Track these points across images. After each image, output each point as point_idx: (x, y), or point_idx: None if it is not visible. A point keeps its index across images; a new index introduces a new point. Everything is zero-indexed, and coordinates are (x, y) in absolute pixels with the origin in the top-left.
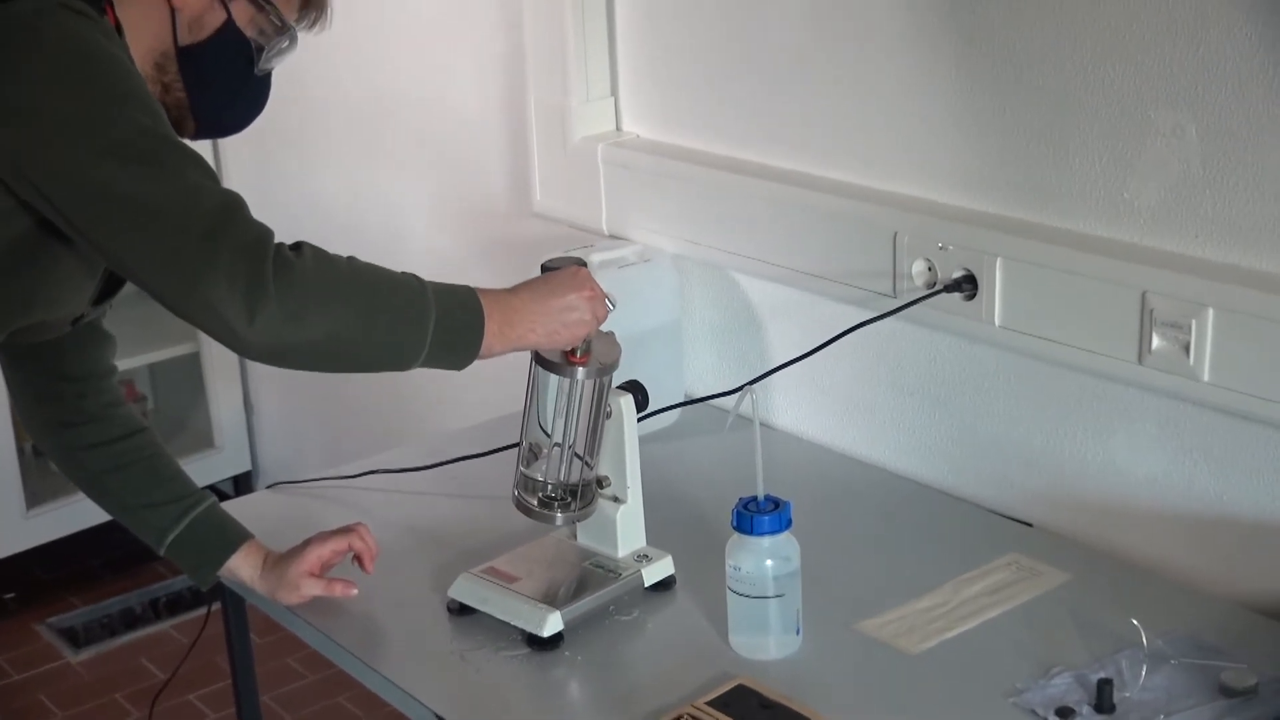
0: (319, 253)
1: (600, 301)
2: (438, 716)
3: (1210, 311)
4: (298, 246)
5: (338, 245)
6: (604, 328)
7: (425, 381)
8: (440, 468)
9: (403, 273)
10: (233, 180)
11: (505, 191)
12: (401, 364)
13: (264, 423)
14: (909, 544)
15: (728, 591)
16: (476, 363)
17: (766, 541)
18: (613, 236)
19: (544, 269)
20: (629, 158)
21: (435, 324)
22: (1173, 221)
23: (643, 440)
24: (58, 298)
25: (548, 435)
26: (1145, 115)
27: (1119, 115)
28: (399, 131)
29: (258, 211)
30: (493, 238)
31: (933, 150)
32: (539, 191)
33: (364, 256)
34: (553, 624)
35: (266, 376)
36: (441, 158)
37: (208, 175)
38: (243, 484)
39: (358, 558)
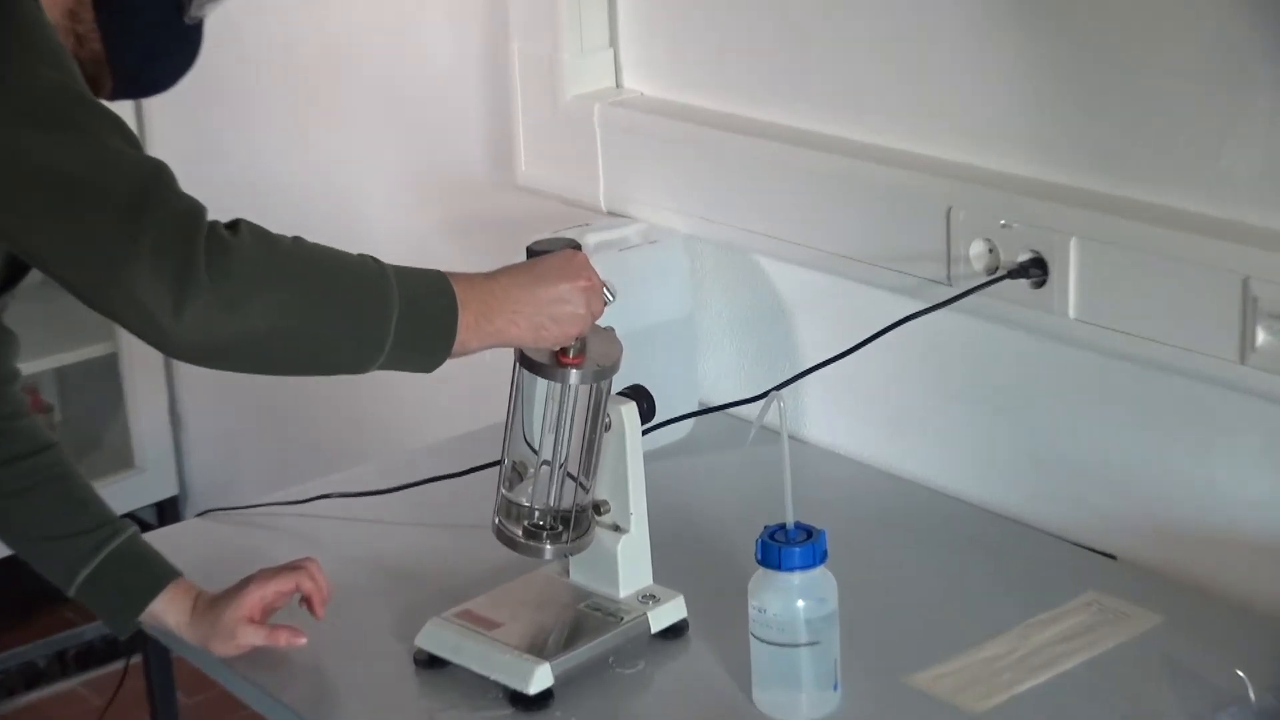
0: (259, 232)
1: (597, 292)
2: None
3: None
4: (234, 225)
5: (281, 224)
6: (601, 322)
7: (388, 387)
8: (406, 491)
9: (359, 255)
10: (156, 147)
11: (483, 160)
12: (359, 364)
13: (194, 437)
14: (968, 580)
15: (751, 638)
16: (449, 364)
17: (797, 578)
18: (612, 214)
19: (530, 253)
20: (631, 120)
21: (399, 316)
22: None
23: (649, 457)
24: None
25: (535, 452)
26: (1244, 68)
27: (1214, 69)
28: (355, 87)
29: (186, 183)
30: (468, 215)
31: (994, 110)
32: (524, 160)
33: (312, 237)
34: (541, 678)
35: (198, 382)
36: (406, 119)
37: (130, 141)
38: (169, 511)
39: (306, 600)
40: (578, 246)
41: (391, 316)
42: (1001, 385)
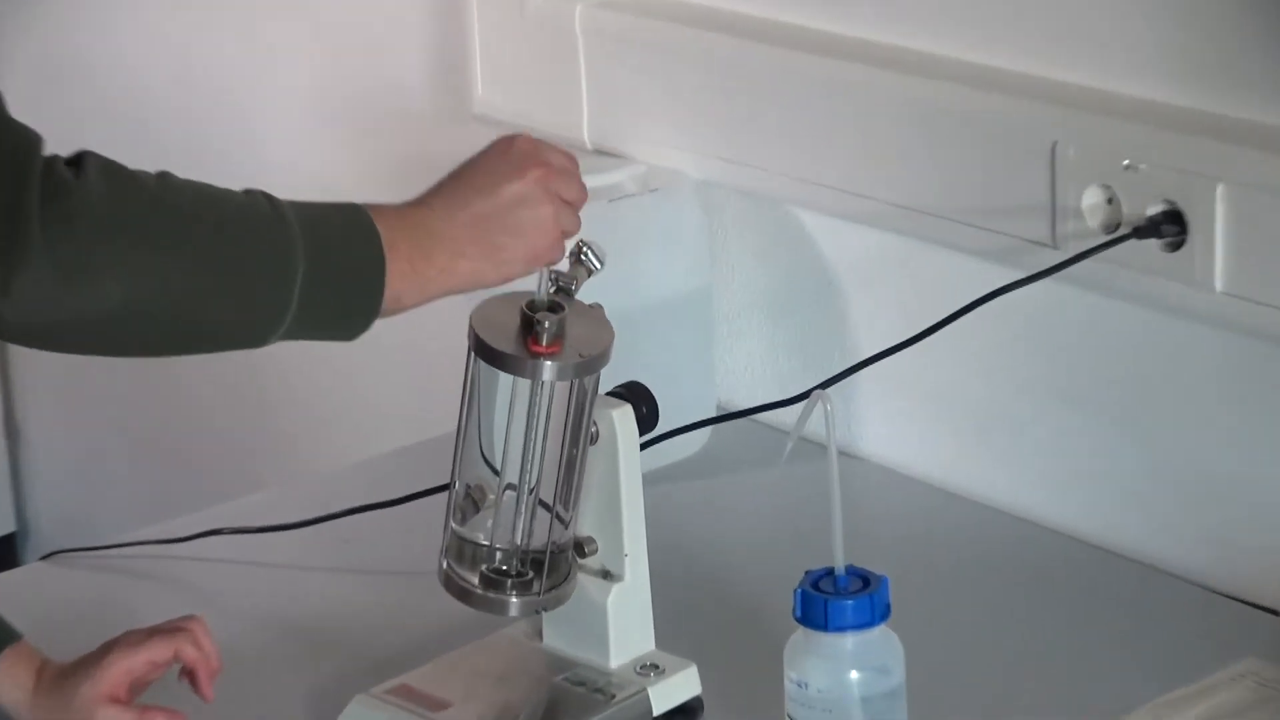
0: (111, 168)
1: (565, 177)
2: None
3: None
4: (78, 160)
5: (152, 159)
6: (588, 298)
7: (297, 382)
8: (323, 525)
9: (245, 192)
10: None
11: (427, 81)
12: (252, 338)
13: (36, 456)
14: (1081, 644)
15: None
16: (380, 338)
17: (851, 641)
18: (600, 153)
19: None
20: (624, 26)
21: (305, 271)
22: None
23: (651, 478)
24: None
25: (495, 473)
26: None
27: None
28: None
29: (24, 105)
30: (408, 153)
31: (1114, 16)
32: (480, 81)
33: (194, 176)
34: None
35: (42, 378)
36: (324, 24)
37: None
38: (4, 552)
39: (189, 673)
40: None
41: (295, 272)
42: (1123, 382)
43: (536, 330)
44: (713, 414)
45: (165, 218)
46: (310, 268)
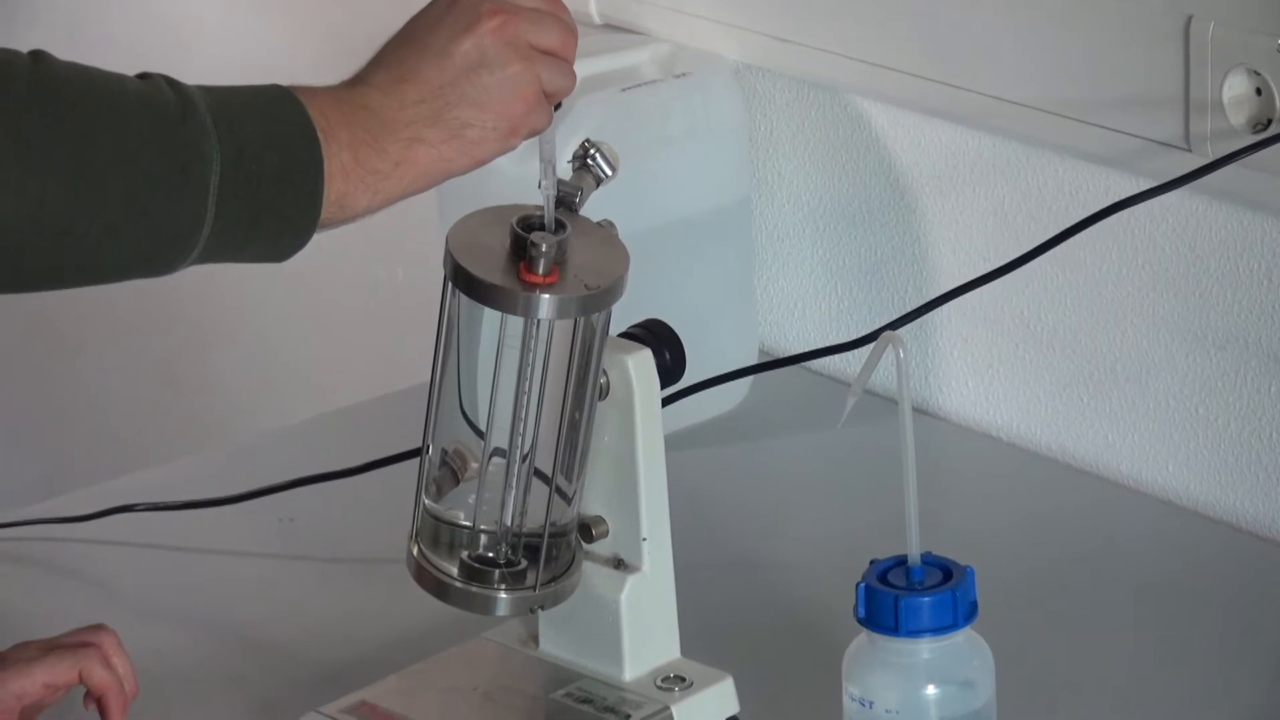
0: None
1: (536, 22)
2: None
3: None
4: None
5: (24, 39)
6: (597, 214)
7: (224, 314)
8: (263, 500)
9: (141, 77)
10: None
11: None
12: (157, 263)
13: None
14: (1221, 649)
15: None
16: (330, 254)
17: (927, 649)
18: (609, 27)
19: None
20: None
21: (222, 170)
22: None
23: (676, 441)
24: None
25: (480, 435)
26: None
27: None
28: None
29: None
30: (351, 31)
31: None
32: None
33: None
34: None
35: None
36: None
37: None
38: None
39: (97, 699)
40: None
41: (209, 176)
42: (1277, 318)
43: (531, 254)
44: (754, 360)
45: (38, 113)
46: (228, 168)
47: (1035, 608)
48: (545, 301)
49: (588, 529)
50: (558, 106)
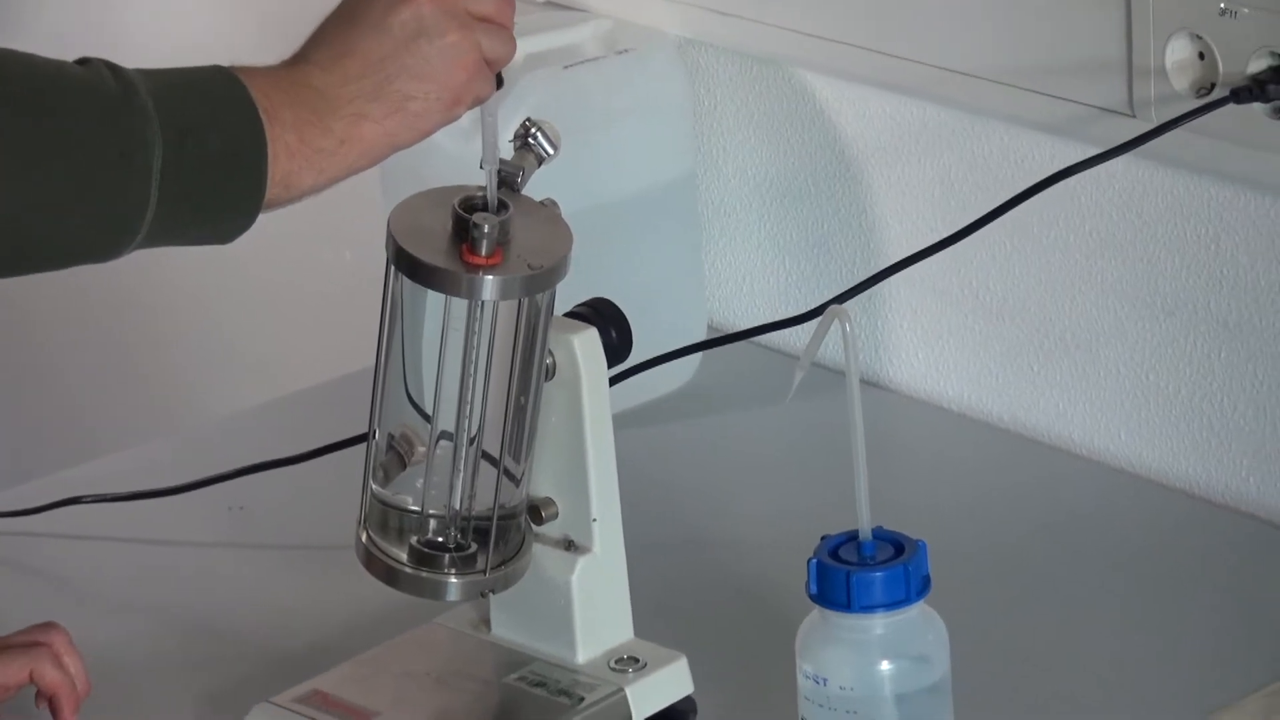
0: None
1: None
2: None
3: None
4: None
5: None
6: (540, 193)
7: (169, 298)
8: (212, 489)
9: (80, 62)
10: None
11: None
12: (99, 247)
13: None
14: (1174, 625)
15: None
16: (274, 236)
17: (881, 624)
18: (550, 4)
19: None
20: None
21: (164, 153)
22: None
23: (625, 420)
24: None
25: (426, 419)
26: None
27: None
28: None
29: None
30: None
31: None
32: None
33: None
34: None
35: None
36: None
37: None
38: None
39: (49, 699)
40: None
41: (151, 159)
42: (1224, 284)
43: (473, 235)
44: (703, 337)
45: None
46: (170, 152)
47: (989, 580)
48: (489, 283)
49: (537, 511)
50: (500, 80)
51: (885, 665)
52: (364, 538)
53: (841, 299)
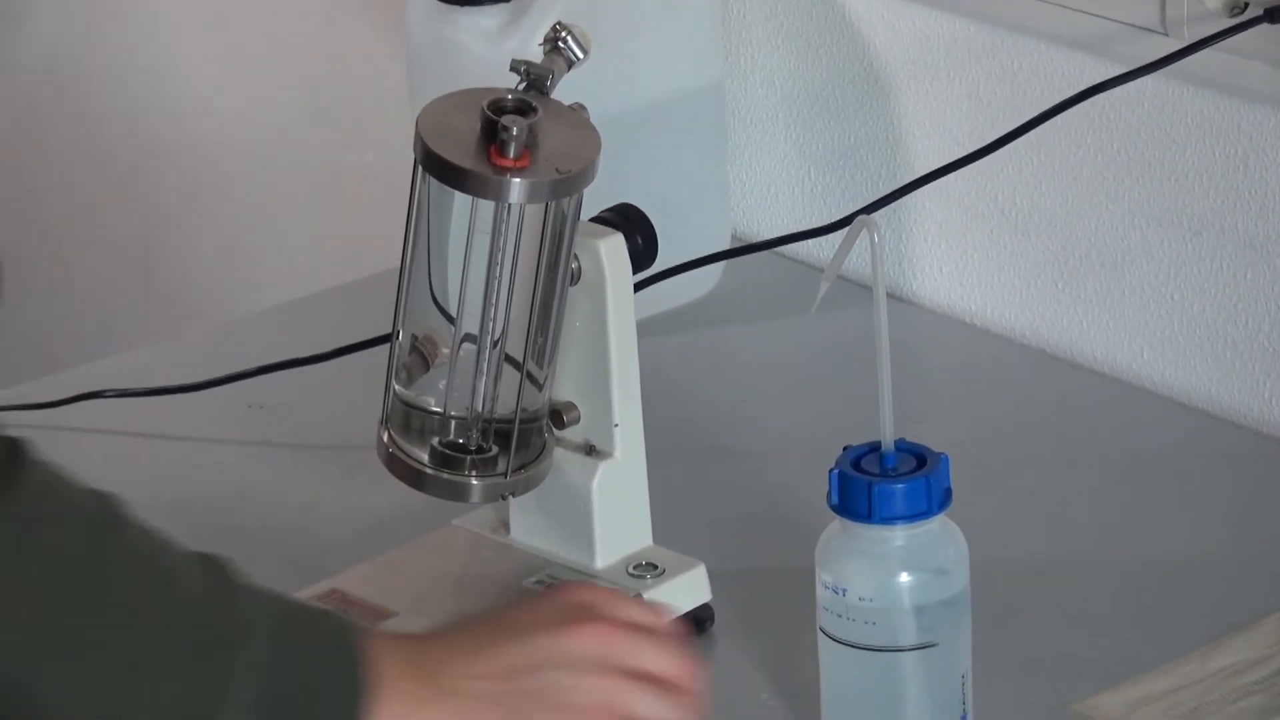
0: (52, 482)
1: (636, 643)
2: None
3: None
4: (14, 450)
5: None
6: (566, 96)
7: (196, 198)
8: (230, 387)
9: (201, 561)
10: None
11: None
12: None
13: None
14: (1196, 533)
15: (820, 637)
16: (303, 145)
17: (901, 536)
18: None
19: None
20: None
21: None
22: None
23: (649, 328)
24: None
25: (450, 321)
26: None
27: None
28: None
29: None
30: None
31: None
32: None
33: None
34: None
35: None
36: None
37: None
38: None
39: None
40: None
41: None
42: (1254, 204)
43: (502, 138)
44: (727, 246)
45: (74, 588)
46: (263, 698)
47: (1010, 494)
48: (516, 185)
49: (559, 415)
50: None
51: (905, 577)
52: (386, 438)
53: (867, 211)
